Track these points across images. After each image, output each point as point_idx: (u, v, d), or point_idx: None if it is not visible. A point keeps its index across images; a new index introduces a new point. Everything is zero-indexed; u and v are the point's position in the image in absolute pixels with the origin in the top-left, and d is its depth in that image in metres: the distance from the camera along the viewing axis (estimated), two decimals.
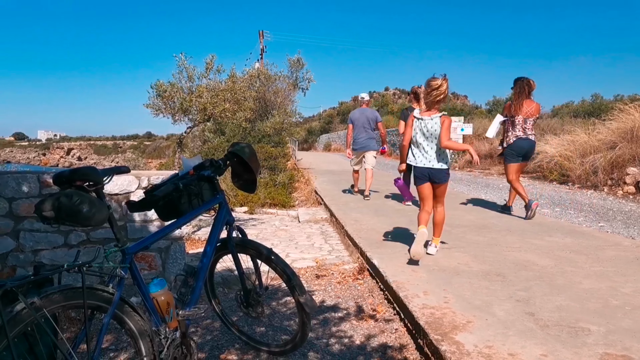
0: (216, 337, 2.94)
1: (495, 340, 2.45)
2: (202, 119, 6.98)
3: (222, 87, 7.04)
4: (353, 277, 4.21)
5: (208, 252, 2.36)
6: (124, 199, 3.56)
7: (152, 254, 3.65)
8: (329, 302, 3.61)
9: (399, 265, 3.92)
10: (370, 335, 2.97)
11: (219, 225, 2.43)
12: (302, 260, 4.89)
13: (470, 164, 16.31)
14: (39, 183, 3.36)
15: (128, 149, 70.35)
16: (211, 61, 7.08)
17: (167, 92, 6.64)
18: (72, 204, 1.67)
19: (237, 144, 2.54)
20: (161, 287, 2.07)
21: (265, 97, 15.60)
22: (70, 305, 1.69)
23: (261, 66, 21.04)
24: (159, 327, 1.99)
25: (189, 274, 2.28)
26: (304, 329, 2.49)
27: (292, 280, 2.41)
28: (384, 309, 3.38)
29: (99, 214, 1.76)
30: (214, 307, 2.76)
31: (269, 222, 7.62)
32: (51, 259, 3.43)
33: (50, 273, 1.67)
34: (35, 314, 1.56)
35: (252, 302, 2.58)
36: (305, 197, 9.85)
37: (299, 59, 18.95)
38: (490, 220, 6.10)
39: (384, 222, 6.04)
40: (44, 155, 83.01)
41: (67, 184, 1.78)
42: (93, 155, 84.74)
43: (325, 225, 7.18)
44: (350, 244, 5.29)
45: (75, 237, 3.48)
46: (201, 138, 14.21)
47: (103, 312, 1.79)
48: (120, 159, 57.76)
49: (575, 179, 10.00)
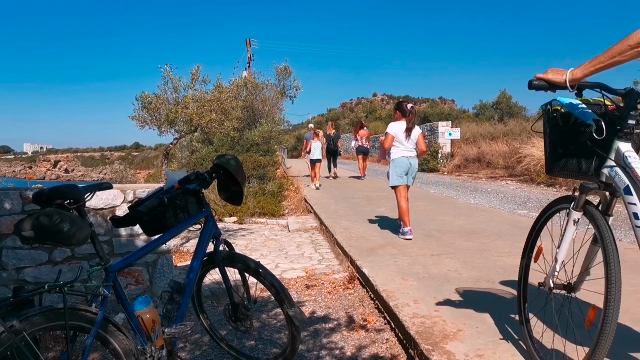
0: (205, 353, 2.90)
1: (486, 349, 2.44)
2: (188, 130, 6.94)
3: (208, 97, 7.01)
4: (343, 287, 4.19)
5: (195, 267, 2.33)
6: (109, 214, 3.51)
7: (139, 269, 3.60)
8: (320, 313, 3.58)
9: (389, 274, 3.90)
10: (362, 346, 2.94)
11: (205, 239, 2.40)
12: (292, 271, 4.86)
13: (459, 169, 16.39)
14: (21, 199, 3.30)
15: (116, 160, 69.90)
16: (197, 72, 7.06)
17: (152, 103, 6.60)
18: (52, 223, 1.64)
19: (222, 156, 2.52)
20: (146, 304, 2.04)
21: (253, 105, 15.58)
22: (51, 327, 1.66)
23: (249, 75, 21.04)
24: (145, 346, 1.95)
25: (175, 290, 2.24)
26: (294, 342, 2.46)
27: (281, 293, 2.38)
28: (374, 318, 3.36)
29: (80, 233, 1.72)
30: (202, 322, 2.72)
31: (258, 232, 7.58)
32: (35, 276, 3.36)
33: (30, 295, 1.63)
34: (15, 337, 1.52)
35: (241, 316, 2.55)
36: (295, 206, 9.82)
37: (286, 67, 18.95)
38: (479, 225, 6.12)
39: (374, 230, 6.04)
40: (30, 169, 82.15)
41: (47, 203, 1.74)
42: (80, 167, 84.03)
43: (315, 233, 7.15)
44: (340, 252, 5.27)
45: (60, 253, 3.42)
46: (189, 148, 14.14)
47: (86, 332, 1.76)
48: (108, 170, 57.32)
49: (562, 181, 10.09)
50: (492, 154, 14.79)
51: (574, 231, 2.10)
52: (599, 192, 2.02)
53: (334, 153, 15.24)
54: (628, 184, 1.78)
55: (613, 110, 1.91)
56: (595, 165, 1.94)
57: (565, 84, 1.89)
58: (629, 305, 2.64)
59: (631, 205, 1.76)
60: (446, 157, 17.81)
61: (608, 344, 1.78)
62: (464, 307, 3.08)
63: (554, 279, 2.16)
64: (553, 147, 2.19)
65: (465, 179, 14.28)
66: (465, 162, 16.39)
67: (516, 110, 28.61)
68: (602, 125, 1.86)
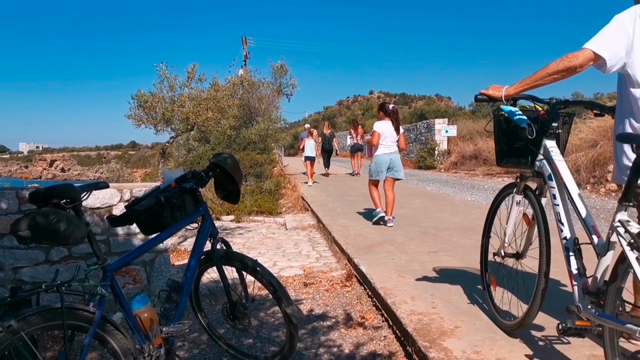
0: (203, 351, 2.90)
1: (483, 345, 2.45)
2: (185, 129, 6.92)
3: (204, 95, 7.00)
4: (341, 285, 4.19)
5: (192, 266, 2.33)
6: (106, 213, 3.50)
7: (136, 268, 3.60)
8: (318, 311, 3.58)
9: (386, 271, 3.91)
10: (359, 343, 2.95)
11: (202, 237, 2.40)
12: (289, 269, 4.86)
13: (456, 166, 16.43)
14: (17, 199, 3.29)
15: (112, 158, 69.67)
16: (193, 70, 7.04)
17: (148, 102, 6.58)
18: (48, 223, 1.64)
19: (219, 155, 2.52)
20: (144, 303, 2.04)
21: (249, 104, 15.55)
22: (49, 326, 1.66)
23: (245, 73, 21.00)
24: (143, 345, 1.95)
25: (173, 288, 2.24)
26: (292, 340, 2.47)
27: (278, 292, 2.38)
28: (372, 316, 3.37)
29: (77, 232, 1.72)
30: (200, 320, 2.72)
31: (255, 230, 7.58)
32: (32, 276, 3.35)
33: (28, 294, 1.63)
34: (13, 337, 1.51)
35: (239, 314, 2.55)
36: (292, 204, 9.83)
37: (282, 65, 18.91)
38: (476, 222, 6.13)
39: (371, 227, 6.05)
40: (26, 168, 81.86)
41: (43, 202, 1.74)
42: (77, 166, 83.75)
43: (313, 231, 7.16)
44: (337, 250, 5.28)
45: (57, 253, 3.41)
46: (186, 147, 14.11)
47: (84, 332, 1.76)
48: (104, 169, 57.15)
49: None
50: (488, 151, 14.82)
51: (517, 210, 2.59)
52: (535, 179, 2.49)
53: (329, 152, 15.57)
54: (550, 172, 2.31)
55: (544, 115, 2.38)
56: (530, 159, 2.45)
57: (501, 99, 2.42)
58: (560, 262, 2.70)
59: (552, 188, 2.29)
60: (443, 155, 17.85)
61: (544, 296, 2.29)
62: (461, 304, 3.09)
63: (505, 249, 2.68)
64: (500, 144, 2.67)
65: (462, 176, 14.31)
66: (462, 159, 16.43)
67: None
68: (532, 128, 2.37)
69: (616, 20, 2.09)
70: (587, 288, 2.02)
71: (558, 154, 2.31)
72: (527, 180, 2.53)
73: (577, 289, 2.06)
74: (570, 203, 2.21)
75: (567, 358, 2.28)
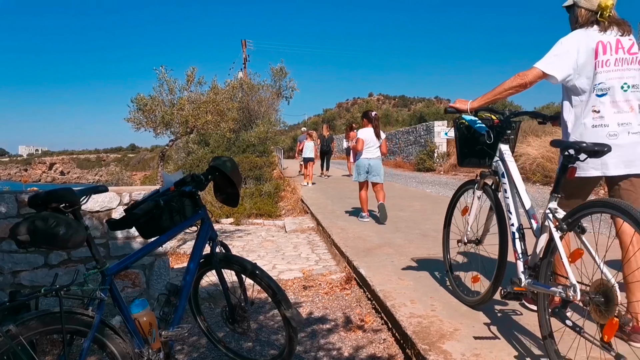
0: (203, 355, 2.90)
1: (483, 348, 2.45)
2: (184, 132, 6.92)
3: (204, 99, 7.00)
4: (340, 287, 4.19)
5: (191, 269, 2.33)
6: (105, 216, 3.50)
7: (135, 271, 3.59)
8: (317, 314, 3.58)
9: (385, 274, 3.91)
10: (359, 346, 2.95)
11: (201, 241, 2.40)
12: (289, 272, 4.86)
13: (455, 168, 16.42)
14: (17, 203, 3.29)
15: (112, 161, 69.66)
16: (192, 73, 7.04)
17: (147, 105, 6.58)
18: (47, 227, 1.64)
19: (218, 158, 2.52)
20: (143, 307, 2.04)
21: (248, 106, 15.59)
22: (48, 331, 1.65)
23: (244, 76, 21.03)
24: (142, 349, 1.95)
25: (172, 292, 2.24)
26: (291, 344, 2.46)
27: (278, 295, 2.38)
28: (371, 318, 3.37)
29: (76, 236, 1.72)
30: (200, 324, 2.72)
31: (255, 233, 7.58)
32: (31, 280, 3.35)
33: (27, 299, 1.63)
34: (12, 342, 1.51)
35: (238, 317, 2.55)
36: (292, 207, 9.82)
37: (281, 67, 18.98)
38: None
39: (370, 230, 6.04)
40: (26, 171, 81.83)
41: (42, 206, 1.74)
42: (76, 169, 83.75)
43: (312, 234, 7.15)
44: (337, 253, 5.28)
45: (56, 257, 3.41)
46: (185, 150, 14.11)
47: (83, 336, 1.75)
48: (104, 172, 57.16)
49: None
50: None
51: (478, 203, 3.05)
52: (492, 177, 2.92)
53: (328, 154, 15.83)
54: (504, 171, 2.75)
55: (498, 123, 2.87)
56: (488, 159, 2.90)
57: (467, 111, 2.89)
58: None
59: (504, 184, 2.74)
60: (442, 157, 17.83)
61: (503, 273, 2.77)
62: (461, 306, 3.09)
63: (467, 236, 3.11)
64: (461, 148, 3.07)
65: (461, 178, 14.31)
66: None
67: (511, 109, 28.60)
68: (490, 134, 2.84)
69: (562, 43, 2.55)
70: (527, 264, 2.43)
71: (510, 156, 2.76)
72: (485, 178, 2.98)
73: (520, 265, 2.46)
74: (518, 196, 2.63)
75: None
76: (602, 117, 2.49)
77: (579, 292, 1.93)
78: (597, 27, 2.52)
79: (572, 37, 2.55)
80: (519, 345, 2.47)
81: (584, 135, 2.52)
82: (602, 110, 2.49)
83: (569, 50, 2.51)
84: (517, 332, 2.64)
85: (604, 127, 2.48)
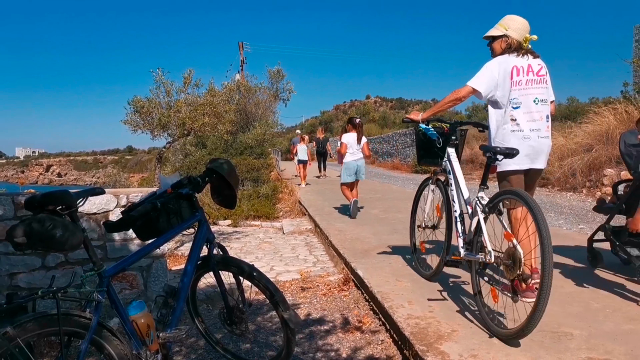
0: (201, 356, 2.89)
1: (480, 348, 2.46)
2: (181, 134, 6.92)
3: (201, 101, 7.00)
4: (338, 289, 4.19)
5: (189, 271, 2.33)
6: (102, 218, 3.50)
7: (133, 273, 3.59)
8: (315, 315, 3.58)
9: (383, 275, 3.91)
10: (357, 347, 2.95)
11: (199, 243, 2.40)
12: (287, 273, 4.86)
13: None
14: (13, 205, 3.29)
15: (109, 163, 69.48)
16: (189, 76, 7.05)
17: (144, 107, 6.57)
18: (44, 229, 1.64)
19: (215, 160, 2.52)
20: (140, 309, 2.04)
21: (246, 109, 15.60)
22: (45, 333, 1.65)
23: (242, 78, 21.03)
24: (140, 351, 1.95)
25: (169, 294, 2.24)
26: (289, 345, 2.46)
27: (275, 296, 2.38)
28: (369, 320, 3.37)
29: (73, 238, 1.72)
30: (198, 325, 2.72)
31: (253, 235, 7.57)
32: (28, 282, 3.35)
33: (24, 301, 1.63)
34: (9, 344, 1.51)
35: (236, 319, 2.55)
36: (290, 208, 9.82)
37: (279, 70, 19.02)
38: None
39: (368, 232, 6.05)
40: (23, 173, 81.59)
41: (39, 209, 1.74)
42: (73, 171, 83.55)
43: (310, 236, 7.16)
44: (335, 254, 5.28)
45: (53, 258, 3.40)
46: (182, 152, 14.10)
47: (80, 338, 1.75)
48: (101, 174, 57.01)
49: (554, 181, 10.15)
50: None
51: (432, 195, 3.71)
52: (444, 174, 3.47)
53: (324, 155, 16.04)
54: (450, 169, 3.34)
55: (447, 131, 3.41)
56: (439, 160, 3.46)
57: (419, 121, 3.51)
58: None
59: (450, 180, 3.32)
60: None
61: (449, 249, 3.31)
62: (458, 307, 3.10)
63: (425, 222, 3.76)
64: (420, 150, 3.71)
65: None
66: None
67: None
68: (440, 139, 3.42)
69: (487, 67, 3.17)
70: (466, 241, 3.02)
71: (455, 157, 3.36)
72: (438, 175, 3.60)
73: (460, 242, 3.05)
74: (459, 189, 3.22)
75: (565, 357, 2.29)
76: (518, 124, 3.11)
77: (493, 256, 2.65)
78: (515, 54, 3.14)
79: (495, 61, 3.18)
80: (517, 347, 2.47)
81: (505, 138, 3.14)
82: (518, 118, 3.12)
83: (492, 71, 3.13)
84: None
85: (520, 131, 3.11)
